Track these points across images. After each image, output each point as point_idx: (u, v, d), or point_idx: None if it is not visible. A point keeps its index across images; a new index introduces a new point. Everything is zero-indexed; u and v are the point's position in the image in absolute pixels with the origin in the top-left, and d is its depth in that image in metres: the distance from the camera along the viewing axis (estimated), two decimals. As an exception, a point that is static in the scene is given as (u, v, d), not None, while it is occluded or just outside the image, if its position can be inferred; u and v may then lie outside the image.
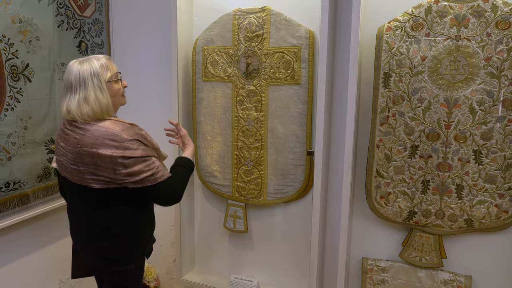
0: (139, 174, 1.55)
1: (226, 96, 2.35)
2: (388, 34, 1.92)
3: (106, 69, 1.62)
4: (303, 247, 2.38)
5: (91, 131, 1.55)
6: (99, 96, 1.58)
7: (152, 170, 1.58)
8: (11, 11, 1.91)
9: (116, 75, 1.67)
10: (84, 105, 1.56)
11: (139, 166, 1.55)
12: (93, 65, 1.59)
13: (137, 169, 1.55)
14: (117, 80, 1.68)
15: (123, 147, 1.53)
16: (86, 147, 1.54)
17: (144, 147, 1.59)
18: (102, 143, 1.52)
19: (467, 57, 1.83)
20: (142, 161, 1.56)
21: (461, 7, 1.81)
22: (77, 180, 1.61)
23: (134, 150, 1.54)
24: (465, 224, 1.96)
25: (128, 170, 1.54)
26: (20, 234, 2.12)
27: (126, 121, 1.66)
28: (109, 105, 1.62)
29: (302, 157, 2.27)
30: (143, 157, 1.57)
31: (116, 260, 1.72)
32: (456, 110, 1.88)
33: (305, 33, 2.15)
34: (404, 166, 2.00)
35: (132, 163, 1.54)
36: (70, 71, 1.60)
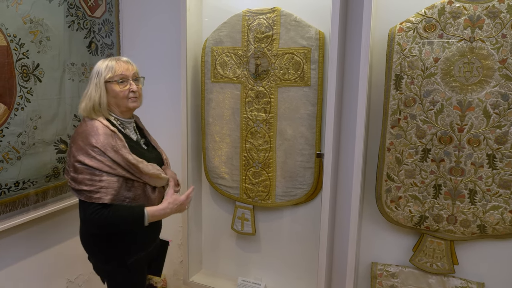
0: (79, 184, 1.57)
1: (235, 97, 2.34)
2: (400, 35, 1.89)
3: (110, 69, 1.68)
4: (311, 250, 2.36)
5: (80, 126, 1.65)
6: (92, 93, 1.66)
7: (92, 186, 1.56)
8: (22, 11, 1.92)
9: (119, 77, 1.69)
10: (83, 100, 1.68)
11: (84, 175, 1.56)
12: (103, 64, 1.69)
13: (80, 178, 1.57)
14: (121, 82, 1.70)
15: (84, 150, 1.57)
16: (70, 140, 1.67)
17: (105, 158, 1.57)
18: (76, 140, 1.61)
19: (481, 59, 1.79)
20: (89, 173, 1.56)
21: (476, 8, 1.77)
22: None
23: (90, 158, 1.56)
24: (478, 230, 1.91)
25: (73, 175, 1.59)
26: (29, 233, 2.13)
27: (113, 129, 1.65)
28: (102, 104, 1.66)
29: (311, 160, 2.25)
30: (94, 168, 1.56)
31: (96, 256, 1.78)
32: (470, 113, 1.84)
33: (315, 34, 2.13)
34: (416, 170, 1.97)
35: (80, 169, 1.56)
36: None
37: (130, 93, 1.71)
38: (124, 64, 1.72)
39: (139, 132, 1.88)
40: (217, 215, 2.63)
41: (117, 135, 1.64)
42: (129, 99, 1.72)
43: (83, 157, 1.56)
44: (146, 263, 1.87)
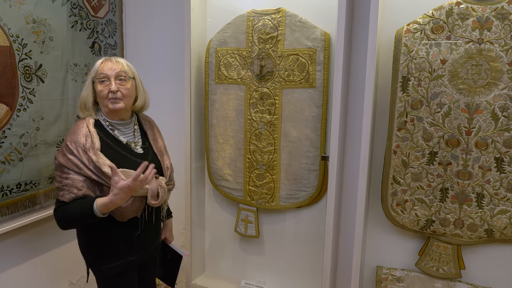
0: (54, 180, 1.65)
1: (239, 98, 2.32)
2: (407, 36, 1.87)
3: (95, 69, 1.69)
4: (315, 253, 2.33)
5: None
6: (83, 92, 1.71)
7: (60, 183, 1.60)
8: (25, 11, 1.91)
9: (101, 76, 1.64)
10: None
11: (56, 172, 1.62)
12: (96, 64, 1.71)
13: (54, 175, 1.64)
14: (102, 81, 1.65)
15: (61, 148, 1.63)
16: None
17: (73, 157, 1.56)
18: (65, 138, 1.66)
19: (489, 61, 1.76)
20: (59, 170, 1.61)
21: (484, 9, 1.74)
22: None
23: (62, 156, 1.61)
24: (486, 234, 1.89)
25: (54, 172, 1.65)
26: (31, 235, 2.11)
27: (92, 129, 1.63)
28: (87, 102, 1.69)
29: (315, 162, 2.22)
30: (63, 166, 1.59)
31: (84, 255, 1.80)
32: (478, 116, 1.81)
33: (320, 35, 2.11)
34: (422, 173, 1.94)
35: (55, 166, 1.64)
36: None
37: (109, 93, 1.63)
38: (109, 63, 1.66)
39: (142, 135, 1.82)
40: (220, 217, 2.61)
41: (91, 135, 1.60)
42: (109, 100, 1.64)
43: (59, 154, 1.62)
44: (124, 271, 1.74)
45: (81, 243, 1.78)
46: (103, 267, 1.71)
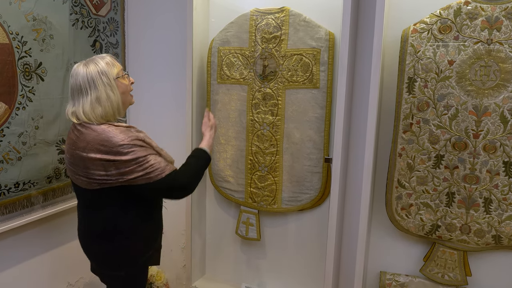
0: (131, 174, 1.51)
1: (241, 99, 2.28)
2: (414, 36, 1.82)
3: (112, 66, 1.60)
4: (317, 257, 2.29)
5: (84, 135, 1.52)
6: (110, 95, 1.56)
7: (146, 170, 1.52)
8: (25, 9, 1.88)
9: (121, 72, 1.64)
10: (97, 106, 1.54)
11: (130, 167, 1.51)
12: (99, 64, 1.57)
13: (129, 170, 1.51)
14: (123, 76, 1.64)
15: (113, 152, 1.49)
16: (78, 150, 1.53)
17: (138, 148, 1.53)
18: (93, 148, 1.50)
19: (499, 62, 1.71)
20: (135, 164, 1.51)
21: (494, 9, 1.69)
22: (75, 180, 1.62)
23: (125, 155, 1.49)
24: (493, 240, 1.83)
25: (120, 171, 1.51)
26: (29, 235, 2.09)
27: (123, 124, 1.61)
28: (119, 104, 1.60)
29: (319, 164, 2.18)
30: (135, 159, 1.51)
31: (106, 264, 1.69)
32: (486, 118, 1.76)
33: (325, 34, 2.07)
34: (428, 176, 1.89)
35: (122, 164, 1.50)
36: (76, 74, 1.56)
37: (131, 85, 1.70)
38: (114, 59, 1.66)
39: None
40: (221, 219, 2.57)
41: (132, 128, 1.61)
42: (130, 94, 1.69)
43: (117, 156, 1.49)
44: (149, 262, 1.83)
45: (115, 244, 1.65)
46: (141, 260, 1.72)
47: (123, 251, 1.67)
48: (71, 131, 1.60)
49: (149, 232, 1.74)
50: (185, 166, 1.67)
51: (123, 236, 1.64)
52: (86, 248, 1.74)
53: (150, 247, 1.76)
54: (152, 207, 1.74)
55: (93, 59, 1.59)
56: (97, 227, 1.65)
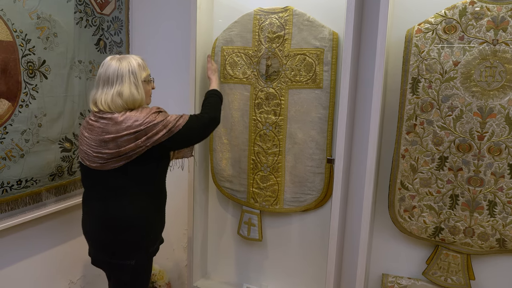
0: (156, 134, 1.63)
1: (244, 98, 2.27)
2: (418, 36, 1.80)
3: (143, 69, 1.72)
4: (319, 258, 2.27)
5: (114, 120, 1.62)
6: (134, 92, 1.66)
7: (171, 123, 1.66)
8: (29, 7, 1.89)
9: (149, 77, 1.76)
10: (118, 99, 1.64)
11: (157, 128, 1.63)
12: (132, 64, 1.68)
13: (155, 131, 1.63)
14: (149, 81, 1.76)
15: (146, 123, 1.62)
16: (110, 134, 1.61)
17: (162, 113, 1.70)
18: (126, 127, 1.61)
19: (504, 63, 1.69)
20: (162, 125, 1.64)
21: (500, 9, 1.67)
22: (99, 167, 1.66)
23: (153, 120, 1.63)
24: (497, 244, 1.81)
25: (148, 135, 1.62)
26: (30, 233, 2.09)
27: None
28: (142, 101, 1.71)
29: (321, 165, 2.16)
30: (161, 120, 1.65)
31: (117, 253, 1.72)
32: (491, 120, 1.73)
33: (328, 34, 2.05)
34: (431, 178, 1.87)
35: (151, 128, 1.62)
36: (108, 66, 1.67)
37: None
38: (145, 63, 1.77)
39: None
40: (223, 219, 2.57)
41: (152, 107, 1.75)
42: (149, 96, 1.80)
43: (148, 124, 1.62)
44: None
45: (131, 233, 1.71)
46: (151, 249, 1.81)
47: (137, 241, 1.72)
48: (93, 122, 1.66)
49: (159, 224, 1.84)
50: (204, 106, 1.86)
51: (139, 226, 1.71)
52: (95, 237, 1.76)
53: (158, 239, 1.86)
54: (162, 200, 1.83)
55: (127, 57, 1.70)
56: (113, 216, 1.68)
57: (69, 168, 2.21)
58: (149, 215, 1.74)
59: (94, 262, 1.82)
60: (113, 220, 1.69)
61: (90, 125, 1.68)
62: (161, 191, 1.83)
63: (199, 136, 1.78)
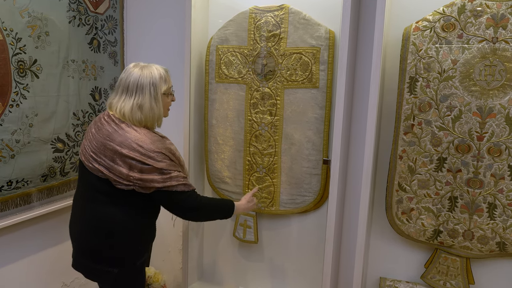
0: (150, 182, 1.56)
1: (240, 98, 2.23)
2: (416, 34, 1.76)
3: (164, 81, 1.66)
4: (316, 261, 2.23)
5: (124, 131, 1.58)
6: (154, 106, 1.62)
7: (168, 181, 1.58)
8: (20, 5, 1.86)
9: (170, 89, 1.71)
10: (137, 112, 1.60)
11: (153, 176, 1.56)
12: (154, 74, 1.63)
13: (150, 178, 1.56)
14: (169, 94, 1.71)
15: (147, 156, 1.55)
16: (113, 142, 1.56)
17: (168, 161, 1.60)
18: (129, 145, 1.55)
19: (504, 61, 1.64)
20: (160, 173, 1.57)
21: (500, 6, 1.63)
22: (91, 168, 1.61)
23: (156, 161, 1.56)
24: (497, 247, 1.76)
25: (142, 176, 1.55)
26: (22, 235, 2.06)
27: (159, 133, 1.69)
28: (160, 116, 1.67)
29: (318, 166, 2.12)
30: (163, 169, 1.57)
31: (100, 259, 1.66)
32: (491, 120, 1.69)
33: (325, 33, 2.01)
34: (430, 180, 1.82)
35: (149, 170, 1.55)
36: (130, 73, 1.63)
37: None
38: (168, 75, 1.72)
39: None
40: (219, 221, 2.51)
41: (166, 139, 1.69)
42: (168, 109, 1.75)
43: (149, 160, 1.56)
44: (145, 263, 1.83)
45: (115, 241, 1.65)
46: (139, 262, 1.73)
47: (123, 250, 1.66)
48: (105, 122, 1.62)
49: (148, 235, 1.78)
50: (209, 198, 1.79)
51: (127, 235, 1.65)
52: (80, 239, 1.71)
53: (146, 251, 1.78)
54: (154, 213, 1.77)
55: (150, 66, 1.65)
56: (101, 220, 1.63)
57: (61, 169, 2.18)
58: (138, 225, 1.68)
59: (75, 265, 1.76)
60: (100, 224, 1.63)
61: (101, 123, 1.63)
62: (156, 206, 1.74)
63: (178, 211, 1.69)
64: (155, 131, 1.68)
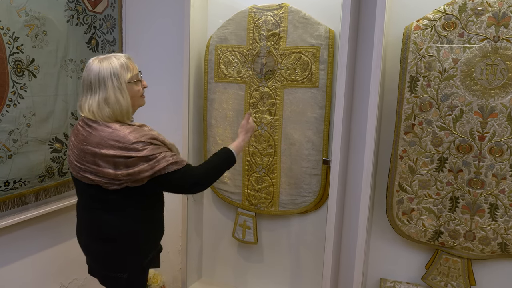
0: (139, 174, 1.49)
1: (239, 98, 2.22)
2: (416, 33, 1.74)
3: (127, 69, 1.56)
4: (316, 262, 2.21)
5: (98, 130, 1.51)
6: (119, 98, 1.54)
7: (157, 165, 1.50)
8: (17, 4, 1.84)
9: (136, 76, 1.61)
10: (105, 107, 1.52)
11: (140, 166, 1.49)
12: (113, 65, 1.54)
13: (138, 169, 1.49)
14: (137, 81, 1.62)
15: (128, 148, 1.48)
16: (90, 146, 1.50)
17: (152, 146, 1.52)
18: (106, 144, 1.49)
19: (506, 60, 1.62)
20: (146, 161, 1.49)
21: (501, 4, 1.61)
22: (80, 177, 1.57)
23: (138, 151, 1.49)
24: (499, 248, 1.74)
25: (129, 171, 1.49)
26: (20, 235, 2.05)
27: (136, 123, 1.62)
28: (129, 108, 1.58)
29: (317, 166, 2.11)
30: (148, 156, 1.50)
31: (109, 265, 1.65)
32: (492, 119, 1.67)
33: (324, 32, 1.99)
34: (431, 180, 1.81)
35: (134, 162, 1.49)
36: (90, 69, 1.55)
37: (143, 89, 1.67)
38: (132, 61, 1.63)
39: None
40: (218, 221, 2.51)
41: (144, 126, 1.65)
42: (141, 97, 1.66)
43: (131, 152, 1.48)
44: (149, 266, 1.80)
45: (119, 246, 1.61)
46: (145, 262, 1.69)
47: (128, 254, 1.63)
48: (80, 127, 1.56)
49: (153, 234, 1.73)
50: (205, 162, 1.68)
51: (128, 238, 1.62)
52: (87, 248, 1.70)
53: (153, 249, 1.74)
54: (156, 209, 1.72)
55: (109, 57, 1.56)
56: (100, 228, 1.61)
57: (59, 169, 2.16)
58: (139, 228, 1.63)
59: (90, 271, 1.77)
60: (100, 232, 1.61)
61: (77, 130, 1.57)
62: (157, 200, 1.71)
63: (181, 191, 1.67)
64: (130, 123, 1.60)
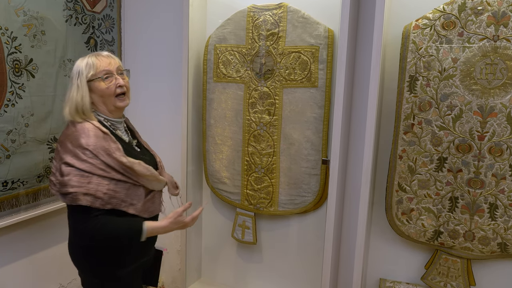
0: (65, 186, 1.42)
1: (238, 98, 2.21)
2: (416, 33, 1.73)
3: (91, 67, 1.52)
4: (315, 262, 2.21)
5: (66, 129, 1.53)
6: (73, 95, 1.51)
7: (81, 188, 1.41)
8: (15, 3, 1.84)
9: (103, 73, 1.53)
10: (65, 104, 1.53)
11: (71, 177, 1.41)
12: (82, 63, 1.54)
13: (66, 180, 1.41)
14: (105, 78, 1.53)
15: (73, 153, 1.44)
16: (57, 143, 1.53)
17: (97, 161, 1.44)
18: (65, 143, 1.48)
19: (506, 59, 1.62)
20: (78, 175, 1.42)
21: (500, 4, 1.60)
22: None
23: (79, 161, 1.43)
24: (499, 248, 1.74)
25: (61, 179, 1.43)
26: (18, 236, 2.04)
27: (106, 130, 1.52)
28: (84, 106, 1.51)
29: (317, 166, 2.10)
30: (84, 171, 1.42)
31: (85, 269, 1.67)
32: (492, 119, 1.67)
33: (324, 31, 1.99)
34: (430, 180, 1.80)
35: (67, 172, 1.42)
36: None
37: (117, 88, 1.55)
38: (106, 59, 1.56)
39: (130, 133, 1.73)
40: (217, 221, 2.51)
41: (110, 137, 1.51)
42: (116, 97, 1.56)
43: (73, 159, 1.43)
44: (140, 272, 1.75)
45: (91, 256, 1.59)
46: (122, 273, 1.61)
47: (96, 260, 1.60)
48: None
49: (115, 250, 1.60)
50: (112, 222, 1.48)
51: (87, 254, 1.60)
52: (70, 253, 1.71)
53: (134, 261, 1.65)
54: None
55: (90, 55, 1.56)
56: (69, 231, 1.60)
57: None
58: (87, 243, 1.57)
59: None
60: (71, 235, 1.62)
61: None
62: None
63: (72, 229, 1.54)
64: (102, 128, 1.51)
